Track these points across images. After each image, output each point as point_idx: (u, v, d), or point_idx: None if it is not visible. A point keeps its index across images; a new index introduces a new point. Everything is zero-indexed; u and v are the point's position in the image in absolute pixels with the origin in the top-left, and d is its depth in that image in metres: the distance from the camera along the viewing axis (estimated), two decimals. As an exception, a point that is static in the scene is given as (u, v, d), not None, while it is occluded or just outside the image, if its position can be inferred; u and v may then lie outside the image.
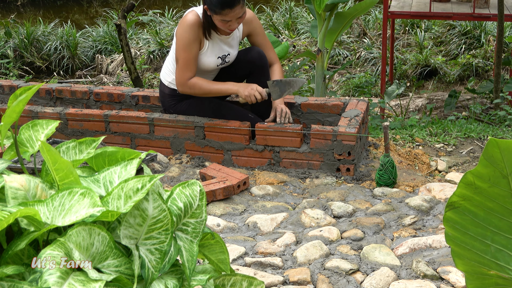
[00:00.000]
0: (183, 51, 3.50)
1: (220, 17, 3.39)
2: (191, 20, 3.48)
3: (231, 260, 2.45)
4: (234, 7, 3.36)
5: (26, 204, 1.13)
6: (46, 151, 1.20)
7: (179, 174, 3.46)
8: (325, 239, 2.61)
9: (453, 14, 6.28)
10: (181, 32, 3.49)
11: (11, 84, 4.60)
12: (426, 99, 7.17)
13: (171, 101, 3.75)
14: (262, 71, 3.70)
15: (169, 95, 3.75)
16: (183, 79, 3.54)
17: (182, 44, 3.49)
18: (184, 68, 3.52)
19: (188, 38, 3.48)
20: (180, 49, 3.50)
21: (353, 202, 3.10)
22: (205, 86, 3.54)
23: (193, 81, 3.54)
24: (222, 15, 3.37)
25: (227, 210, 3.01)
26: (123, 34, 6.09)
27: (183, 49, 3.50)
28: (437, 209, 2.97)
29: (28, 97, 1.32)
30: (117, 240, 1.16)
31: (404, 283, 2.20)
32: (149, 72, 9.06)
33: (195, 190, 1.28)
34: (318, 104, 3.88)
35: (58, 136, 3.86)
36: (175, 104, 3.75)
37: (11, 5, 13.28)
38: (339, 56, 8.88)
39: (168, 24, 10.24)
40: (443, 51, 8.89)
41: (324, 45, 5.45)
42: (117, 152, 1.38)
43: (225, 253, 1.37)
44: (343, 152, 3.44)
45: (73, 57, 9.53)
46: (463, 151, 4.01)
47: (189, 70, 3.53)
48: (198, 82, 3.54)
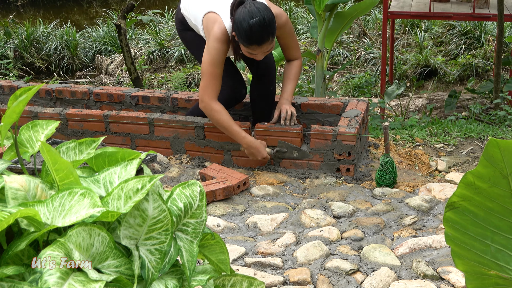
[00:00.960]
0: (211, 66, 3.34)
1: (247, 49, 3.29)
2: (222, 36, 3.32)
3: (231, 261, 2.45)
4: (262, 45, 3.26)
5: (26, 205, 1.13)
6: (46, 151, 1.20)
7: (179, 174, 3.46)
8: (325, 239, 2.61)
9: (453, 14, 6.28)
10: (213, 43, 3.32)
11: (11, 84, 4.60)
12: (426, 99, 7.17)
13: (180, 27, 3.74)
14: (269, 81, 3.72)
15: (180, 21, 3.72)
16: (207, 98, 3.38)
17: (211, 59, 3.33)
18: (211, 84, 3.37)
19: (220, 51, 3.33)
20: (208, 64, 3.34)
21: (353, 202, 3.10)
22: (225, 121, 3.42)
23: (217, 108, 3.40)
24: (250, 49, 3.28)
25: (227, 211, 3.01)
26: (123, 35, 6.09)
27: (212, 64, 3.34)
28: (437, 209, 2.97)
29: (28, 97, 1.32)
30: (117, 240, 1.16)
31: (404, 283, 2.20)
32: (149, 73, 9.06)
33: (195, 191, 1.28)
34: (318, 104, 3.88)
35: (58, 137, 3.86)
36: (182, 30, 3.73)
37: (11, 5, 13.28)
38: (339, 56, 8.88)
39: (168, 24, 10.23)
40: (443, 51, 8.89)
41: (324, 45, 5.45)
42: (117, 152, 1.38)
43: (225, 254, 1.37)
44: (343, 152, 3.44)
45: (73, 58, 9.53)
46: (463, 151, 4.01)
47: (215, 88, 3.39)
48: (221, 112, 3.40)
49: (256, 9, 3.21)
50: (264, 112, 3.75)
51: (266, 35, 3.23)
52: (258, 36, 3.22)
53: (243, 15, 3.20)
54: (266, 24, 3.21)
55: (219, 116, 3.40)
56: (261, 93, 3.71)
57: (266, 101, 3.73)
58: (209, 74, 3.35)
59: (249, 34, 3.20)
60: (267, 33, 3.24)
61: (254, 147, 3.45)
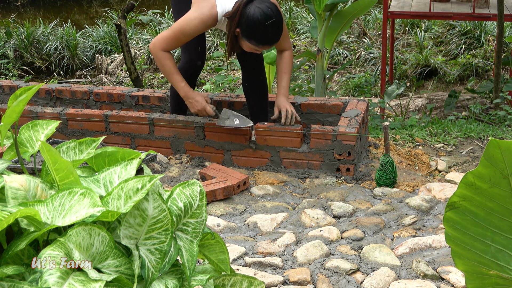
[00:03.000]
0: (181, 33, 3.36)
1: (254, 47, 3.33)
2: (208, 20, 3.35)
3: (231, 260, 2.45)
4: (272, 45, 3.34)
5: (26, 204, 1.13)
6: (46, 151, 1.19)
7: (179, 174, 3.46)
8: (325, 239, 2.61)
9: (453, 14, 6.28)
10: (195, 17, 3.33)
11: (11, 84, 4.60)
12: (426, 99, 7.17)
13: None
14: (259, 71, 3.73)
15: None
16: (159, 45, 3.40)
17: (184, 29, 3.35)
18: (172, 40, 3.39)
19: (196, 28, 3.35)
20: (180, 29, 3.36)
21: (353, 202, 3.10)
22: (170, 68, 3.45)
23: (165, 55, 3.42)
24: (259, 47, 3.33)
25: (227, 210, 3.01)
26: (123, 34, 6.09)
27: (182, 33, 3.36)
28: (437, 209, 2.97)
29: (28, 97, 1.32)
30: (117, 240, 1.16)
31: (404, 283, 2.20)
32: (149, 72, 9.06)
33: (195, 190, 1.28)
34: (318, 104, 3.88)
35: (58, 136, 3.86)
36: None
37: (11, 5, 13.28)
38: (339, 56, 8.88)
39: (168, 24, 10.23)
40: (443, 51, 8.89)
41: (324, 45, 5.45)
42: (117, 152, 1.38)
43: (225, 253, 1.37)
44: (343, 152, 3.44)
45: (73, 57, 9.53)
46: (463, 151, 4.01)
47: (174, 45, 3.43)
48: (168, 59, 3.43)
49: (270, 10, 3.24)
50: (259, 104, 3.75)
51: (278, 36, 3.31)
52: (273, 37, 3.28)
53: (257, 16, 3.21)
54: (280, 25, 3.28)
55: (164, 62, 3.44)
56: (253, 84, 3.73)
57: (259, 92, 3.75)
58: (175, 36, 3.37)
59: (264, 36, 3.26)
60: (280, 34, 3.31)
61: (191, 97, 3.51)
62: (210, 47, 9.05)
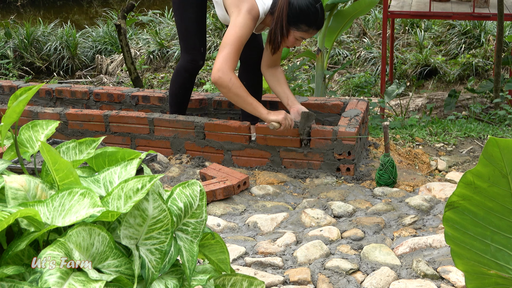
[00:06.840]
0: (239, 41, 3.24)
1: (302, 34, 3.35)
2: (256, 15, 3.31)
3: (231, 260, 2.45)
4: (319, 29, 3.40)
5: (26, 205, 1.13)
6: (46, 151, 1.20)
7: (179, 174, 3.46)
8: (325, 239, 2.61)
9: (453, 13, 6.28)
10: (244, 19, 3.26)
11: (11, 84, 4.60)
12: (426, 99, 7.17)
13: None
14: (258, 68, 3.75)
15: None
16: (228, 66, 3.22)
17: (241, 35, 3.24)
18: (235, 53, 3.24)
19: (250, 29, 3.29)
20: (236, 38, 3.23)
21: (353, 201, 3.10)
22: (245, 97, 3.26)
23: (237, 82, 3.24)
24: (307, 33, 3.36)
25: (227, 210, 3.01)
26: (123, 34, 6.09)
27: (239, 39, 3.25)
28: (437, 208, 2.97)
29: (28, 97, 1.32)
30: (117, 240, 1.16)
31: (405, 283, 2.20)
32: (149, 72, 9.06)
33: (195, 190, 1.28)
34: (318, 104, 3.88)
35: (58, 137, 3.87)
36: None
37: (11, 5, 13.28)
38: (339, 56, 8.88)
39: (168, 24, 10.23)
40: (443, 51, 8.89)
41: (324, 44, 5.45)
42: (117, 152, 1.38)
43: (225, 253, 1.37)
44: (343, 152, 3.44)
45: (73, 58, 9.53)
46: (463, 151, 4.01)
47: (237, 58, 3.27)
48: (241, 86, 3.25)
49: None
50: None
51: (323, 20, 3.41)
52: (321, 19, 3.38)
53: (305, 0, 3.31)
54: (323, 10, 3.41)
55: (238, 90, 3.24)
56: (251, 82, 3.73)
57: (256, 90, 3.75)
58: (234, 47, 3.22)
59: (315, 18, 3.33)
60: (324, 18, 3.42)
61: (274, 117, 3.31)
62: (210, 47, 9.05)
